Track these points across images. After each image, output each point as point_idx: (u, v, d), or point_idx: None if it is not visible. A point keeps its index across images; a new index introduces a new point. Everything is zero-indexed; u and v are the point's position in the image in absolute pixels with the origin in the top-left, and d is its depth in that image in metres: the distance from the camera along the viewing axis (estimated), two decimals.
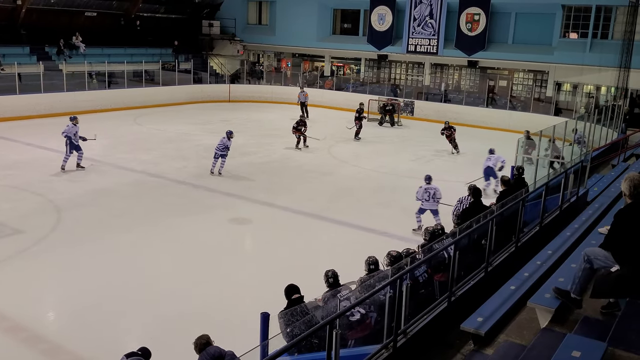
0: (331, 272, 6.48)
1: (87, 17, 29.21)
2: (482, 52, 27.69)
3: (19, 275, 9.31)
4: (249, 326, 6.06)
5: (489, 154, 15.07)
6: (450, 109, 27.51)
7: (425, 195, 11.75)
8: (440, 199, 11.66)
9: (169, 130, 22.05)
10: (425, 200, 11.76)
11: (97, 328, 7.86)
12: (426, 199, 11.75)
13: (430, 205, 11.74)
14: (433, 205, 11.72)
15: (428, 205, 11.76)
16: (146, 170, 16.06)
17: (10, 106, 22.19)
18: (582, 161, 11.00)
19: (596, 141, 17.04)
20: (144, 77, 27.78)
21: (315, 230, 12.29)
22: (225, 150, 15.62)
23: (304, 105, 26.42)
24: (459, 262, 6.37)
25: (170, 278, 9.48)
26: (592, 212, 9.37)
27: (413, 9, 28.79)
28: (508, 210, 7.66)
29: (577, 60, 25.02)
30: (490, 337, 5.54)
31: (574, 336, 4.59)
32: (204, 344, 4.83)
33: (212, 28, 34.00)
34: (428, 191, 11.75)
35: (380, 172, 17.26)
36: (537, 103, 26.62)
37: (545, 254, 7.40)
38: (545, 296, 5.49)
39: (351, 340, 5.69)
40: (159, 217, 12.35)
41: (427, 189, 11.78)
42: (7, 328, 7.77)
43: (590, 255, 5.05)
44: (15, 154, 17.10)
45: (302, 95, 26.82)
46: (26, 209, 12.38)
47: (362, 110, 22.75)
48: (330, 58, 33.46)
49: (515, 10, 26.95)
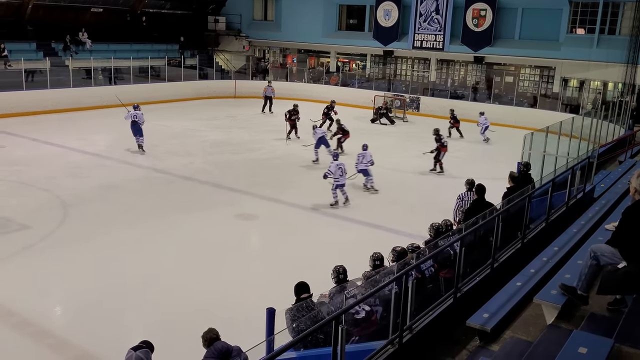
0: (342, 268, 6.43)
1: (93, 13, 29.26)
2: (488, 47, 27.60)
3: (26, 271, 9.36)
4: (255, 322, 6.06)
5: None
6: (457, 104, 27.37)
7: (338, 172, 12.73)
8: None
9: (175, 126, 22.08)
10: (340, 176, 12.79)
11: (103, 323, 7.89)
12: (340, 174, 12.74)
13: (343, 180, 12.87)
14: (344, 179, 12.93)
15: (342, 180, 12.87)
16: (152, 166, 16.09)
17: (16, 102, 22.26)
18: (589, 157, 10.95)
19: (603, 137, 16.95)
20: (150, 73, 27.82)
21: (321, 226, 12.29)
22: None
23: (269, 99, 26.34)
24: (465, 258, 6.36)
25: (176, 274, 9.50)
26: (598, 209, 9.34)
27: (419, 5, 28.70)
28: (514, 206, 7.64)
29: (584, 56, 24.91)
30: (496, 333, 5.53)
31: (581, 332, 4.58)
32: (213, 339, 4.83)
33: (217, 24, 34.02)
34: (340, 167, 12.81)
35: (386, 168, 17.20)
36: (543, 99, 26.50)
37: (552, 250, 7.38)
38: (552, 292, 5.48)
39: (356, 336, 5.69)
40: (164, 213, 12.38)
41: (338, 164, 12.77)
42: (14, 323, 7.81)
43: (597, 251, 5.03)
44: (22, 150, 17.16)
45: (269, 89, 26.74)
46: (33, 205, 12.43)
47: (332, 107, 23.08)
48: (335, 54, 33.41)
49: (522, 5, 26.83)
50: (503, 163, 15.72)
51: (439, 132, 17.08)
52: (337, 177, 12.77)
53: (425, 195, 14.55)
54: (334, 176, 12.83)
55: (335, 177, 12.84)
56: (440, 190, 14.78)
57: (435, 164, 16.83)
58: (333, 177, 12.87)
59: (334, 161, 13.10)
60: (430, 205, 13.26)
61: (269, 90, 26.59)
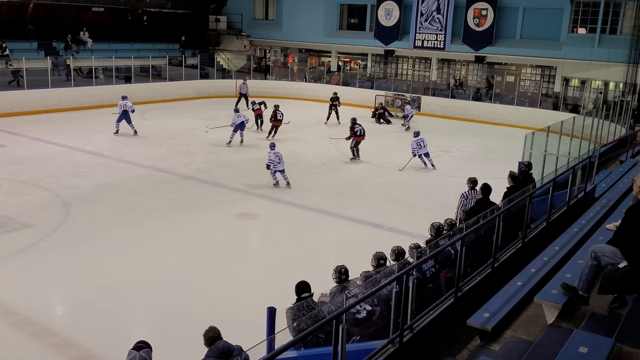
0: (343, 268, 6.42)
1: (95, 13, 29.28)
2: (489, 47, 27.57)
3: (27, 270, 9.37)
4: (255, 321, 6.07)
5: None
6: (458, 104, 27.44)
7: (276, 159, 14.27)
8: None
9: (176, 125, 22.09)
10: (278, 163, 14.28)
11: (105, 322, 7.90)
12: (277, 161, 14.27)
13: (282, 166, 14.36)
14: (282, 165, 14.37)
15: (280, 166, 14.34)
16: (153, 165, 16.10)
17: (17, 101, 22.29)
18: (590, 157, 10.94)
19: (604, 137, 16.94)
20: (151, 72, 27.84)
21: (322, 225, 12.30)
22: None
23: (243, 96, 26.92)
24: (466, 258, 6.36)
25: (177, 273, 9.52)
26: (599, 209, 9.34)
27: (420, 4, 28.69)
28: (515, 206, 7.64)
29: (585, 55, 24.89)
30: (496, 333, 5.54)
31: (581, 332, 4.58)
32: (214, 338, 4.83)
33: (218, 23, 34.04)
34: (277, 154, 14.26)
35: (387, 167, 17.23)
36: (544, 99, 26.48)
37: (552, 250, 7.38)
38: (552, 292, 5.48)
39: (357, 336, 5.70)
40: (166, 212, 12.39)
41: (275, 153, 14.27)
42: (15, 322, 7.82)
43: (598, 252, 5.04)
44: (23, 149, 17.18)
45: (244, 87, 27.29)
46: (34, 204, 12.45)
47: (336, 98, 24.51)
48: (337, 53, 33.40)
49: (523, 5, 26.80)
50: (503, 162, 15.74)
51: (355, 122, 17.88)
52: (276, 164, 14.32)
53: (426, 194, 14.55)
54: (273, 163, 14.33)
55: (274, 164, 14.32)
56: (441, 189, 14.78)
57: (353, 152, 17.86)
58: (272, 164, 14.34)
59: (272, 150, 14.44)
60: (431, 205, 13.27)
61: (244, 88, 27.22)
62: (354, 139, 17.78)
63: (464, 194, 10.10)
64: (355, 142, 17.83)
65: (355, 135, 17.75)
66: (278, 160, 14.36)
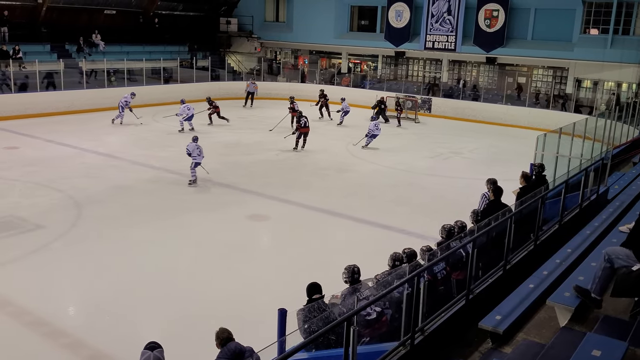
0: (356, 267, 6.37)
1: (107, 15, 29.50)
2: (500, 48, 27.47)
3: (40, 270, 9.44)
4: (266, 322, 6.07)
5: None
6: (469, 105, 27.34)
7: (197, 151, 14.59)
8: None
9: (187, 127, 22.14)
10: (197, 155, 14.56)
11: (117, 323, 7.95)
12: (198, 153, 14.56)
13: (200, 159, 14.63)
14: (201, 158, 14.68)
15: (199, 159, 14.63)
16: (164, 166, 16.18)
17: (30, 103, 22.49)
18: (603, 159, 10.86)
19: (617, 138, 16.81)
20: (162, 74, 27.99)
21: (332, 227, 12.29)
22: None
23: (251, 94, 27.76)
24: (477, 260, 6.33)
25: (188, 274, 9.55)
26: (612, 211, 9.25)
27: (431, 5, 28.64)
28: (527, 207, 7.59)
29: (597, 56, 24.71)
30: (508, 336, 5.51)
31: (594, 335, 4.54)
32: (226, 339, 4.84)
33: (229, 25, 34.17)
34: (198, 147, 14.67)
35: (397, 169, 17.21)
36: (556, 100, 26.32)
37: (565, 252, 7.32)
38: (565, 295, 5.44)
39: (367, 337, 5.69)
40: (176, 214, 12.44)
41: (196, 145, 14.68)
42: (29, 322, 7.89)
43: (611, 254, 5.00)
44: (36, 151, 17.33)
45: (251, 85, 28.15)
46: (47, 205, 12.55)
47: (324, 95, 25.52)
48: (347, 55, 33.41)
49: (535, 6, 26.67)
50: (514, 164, 15.65)
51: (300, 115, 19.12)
52: (195, 155, 14.61)
53: (437, 196, 14.50)
54: (192, 155, 14.58)
55: (193, 156, 14.60)
56: (452, 191, 14.73)
57: (297, 143, 18.92)
58: (192, 155, 14.59)
59: (192, 143, 14.77)
60: (442, 207, 13.22)
61: (252, 86, 28.02)
62: (300, 130, 18.91)
63: (486, 195, 10.00)
64: (300, 133, 18.95)
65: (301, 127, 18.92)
66: (198, 153, 14.70)
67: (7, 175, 14.61)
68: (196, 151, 14.67)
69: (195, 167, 14.69)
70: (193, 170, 14.68)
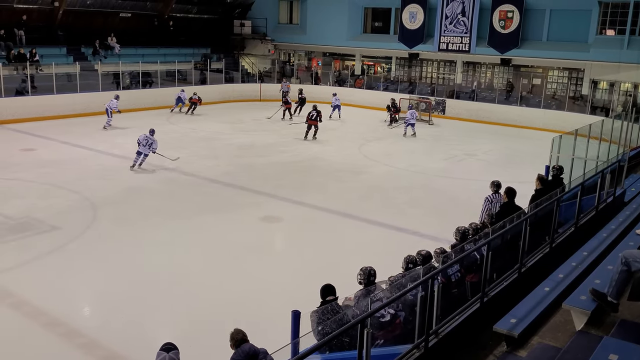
0: (372, 270, 6.32)
1: (122, 18, 29.75)
2: (515, 49, 27.30)
3: (56, 271, 9.54)
4: (280, 324, 6.08)
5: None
6: (483, 107, 27.19)
7: (144, 141, 15.86)
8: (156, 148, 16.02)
9: (202, 129, 22.30)
10: (144, 146, 15.83)
11: (132, 324, 8.00)
12: (144, 144, 15.83)
13: (145, 150, 15.87)
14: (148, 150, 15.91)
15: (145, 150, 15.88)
16: (179, 168, 16.27)
17: (47, 105, 22.73)
18: (619, 161, 10.75)
19: (634, 140, 16.61)
20: (177, 76, 28.17)
21: (346, 229, 12.28)
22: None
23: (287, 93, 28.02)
24: (492, 262, 6.29)
25: (203, 275, 9.59)
26: (629, 213, 9.16)
27: (445, 7, 28.53)
28: (543, 210, 7.53)
29: (614, 57, 24.45)
30: (523, 339, 5.46)
31: (611, 339, 4.49)
32: (240, 340, 4.85)
33: (243, 28, 34.30)
34: (147, 138, 15.89)
35: (411, 171, 17.16)
36: (572, 101, 26.09)
37: (581, 255, 7.26)
38: (581, 298, 5.39)
39: (381, 340, 5.67)
40: (191, 215, 12.50)
41: (146, 137, 15.93)
42: (45, 322, 7.96)
43: (628, 257, 4.94)
44: (52, 153, 17.51)
45: (284, 85, 29.25)
46: (63, 206, 12.67)
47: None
48: (361, 57, 33.41)
49: (550, 6, 26.47)
50: (529, 166, 15.57)
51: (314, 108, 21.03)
52: (142, 145, 15.83)
53: (451, 198, 14.43)
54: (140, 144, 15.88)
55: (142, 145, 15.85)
56: (467, 193, 14.64)
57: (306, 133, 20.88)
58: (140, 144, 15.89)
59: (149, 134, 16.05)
60: (456, 209, 13.15)
61: (285, 86, 29.29)
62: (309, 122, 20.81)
63: (489, 198, 9.99)
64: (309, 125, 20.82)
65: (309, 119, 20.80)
66: (145, 144, 15.82)
67: (23, 176, 14.78)
68: (144, 141, 15.87)
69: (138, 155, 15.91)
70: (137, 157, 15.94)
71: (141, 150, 15.85)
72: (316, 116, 20.74)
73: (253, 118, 25.10)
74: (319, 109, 21.11)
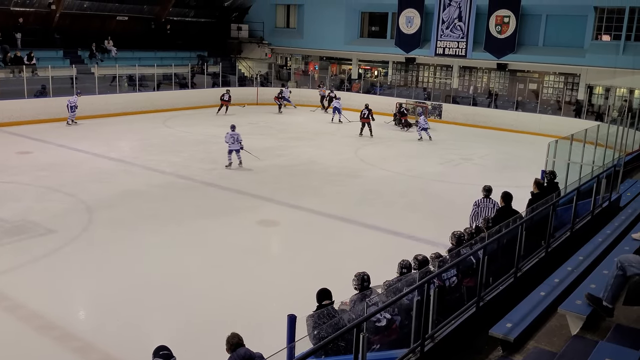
0: (366, 275, 6.35)
1: (119, 21, 29.73)
2: (511, 54, 27.35)
3: (51, 274, 9.51)
4: (275, 328, 6.08)
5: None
6: (479, 112, 27.26)
7: (230, 139, 16.48)
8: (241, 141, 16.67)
9: (198, 132, 22.29)
10: (232, 143, 16.50)
11: (127, 327, 7.98)
12: (232, 142, 16.47)
13: (234, 146, 16.54)
14: (236, 145, 16.56)
15: (234, 146, 16.55)
16: (175, 172, 16.26)
17: (43, 108, 22.68)
18: (615, 166, 10.78)
19: (629, 145, 16.69)
20: (174, 80, 28.15)
21: (342, 233, 12.28)
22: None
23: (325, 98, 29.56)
24: (488, 267, 6.30)
25: (198, 279, 9.57)
26: (624, 218, 9.19)
27: (442, 12, 28.60)
28: (538, 214, 7.55)
29: (609, 62, 24.54)
30: (519, 344, 5.47)
31: (607, 344, 4.51)
32: (236, 344, 4.84)
33: (240, 31, 34.32)
34: (233, 136, 16.50)
35: (408, 175, 17.18)
36: (568, 106, 26.17)
37: (577, 259, 7.27)
38: (577, 303, 5.40)
39: (377, 344, 5.67)
40: (187, 219, 12.48)
41: (232, 134, 16.52)
42: (39, 325, 7.93)
43: (624, 262, 4.96)
44: (48, 156, 17.47)
45: (320, 91, 30.30)
46: (59, 209, 12.64)
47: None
48: (357, 61, 33.44)
49: (546, 12, 26.55)
50: (525, 171, 15.61)
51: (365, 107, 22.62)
52: (230, 144, 16.51)
53: (447, 202, 14.45)
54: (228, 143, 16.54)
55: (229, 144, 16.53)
56: (463, 197, 14.63)
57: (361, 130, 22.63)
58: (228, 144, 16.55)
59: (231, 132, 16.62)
60: (452, 213, 13.15)
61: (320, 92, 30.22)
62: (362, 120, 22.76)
63: (477, 202, 10.01)
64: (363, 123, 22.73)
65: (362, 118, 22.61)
66: (232, 141, 16.42)
67: (19, 179, 14.74)
68: (230, 140, 16.42)
69: (230, 153, 16.54)
70: (229, 155, 16.58)
71: (232, 148, 16.53)
72: (368, 114, 22.50)
73: (250, 121, 25.09)
74: (370, 108, 22.71)
